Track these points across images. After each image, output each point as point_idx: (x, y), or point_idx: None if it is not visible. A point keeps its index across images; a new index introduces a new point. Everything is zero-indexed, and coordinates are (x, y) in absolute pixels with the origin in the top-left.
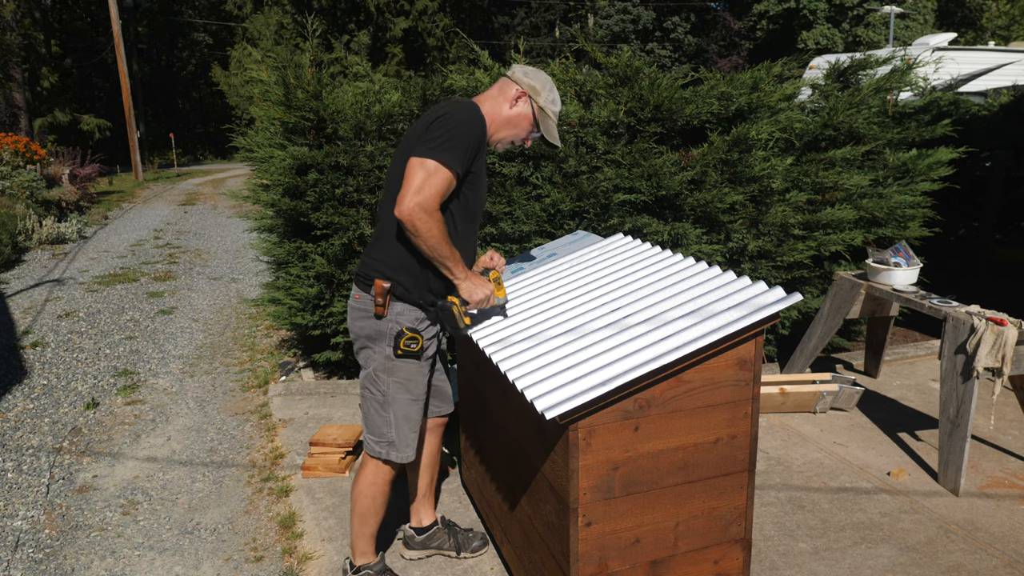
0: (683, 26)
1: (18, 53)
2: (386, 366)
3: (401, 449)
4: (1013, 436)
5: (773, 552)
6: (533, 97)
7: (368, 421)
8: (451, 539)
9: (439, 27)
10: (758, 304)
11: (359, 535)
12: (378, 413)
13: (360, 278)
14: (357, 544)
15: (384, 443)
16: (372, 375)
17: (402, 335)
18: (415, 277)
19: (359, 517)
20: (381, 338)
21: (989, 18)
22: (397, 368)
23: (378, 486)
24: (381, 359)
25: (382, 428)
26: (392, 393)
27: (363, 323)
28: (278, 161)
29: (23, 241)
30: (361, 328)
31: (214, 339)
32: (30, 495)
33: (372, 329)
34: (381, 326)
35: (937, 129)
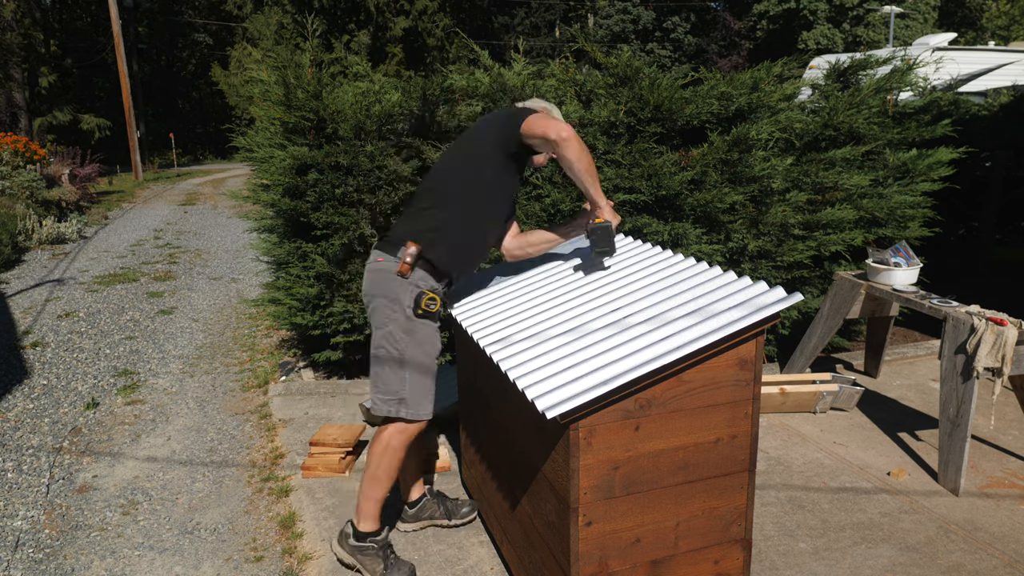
0: (683, 26)
1: (18, 53)
2: (406, 326)
3: (412, 406)
4: (1013, 436)
5: (773, 552)
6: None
7: (380, 379)
8: (440, 507)
9: (439, 27)
10: (758, 304)
11: (369, 499)
12: (393, 371)
13: (388, 242)
14: (365, 508)
15: (395, 400)
16: (389, 333)
17: (423, 295)
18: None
19: (372, 480)
20: (402, 298)
21: (989, 18)
22: (416, 328)
23: (394, 448)
24: (401, 318)
25: (395, 385)
26: (410, 352)
27: (385, 284)
28: (278, 161)
29: (23, 241)
30: (381, 288)
31: (214, 339)
32: (30, 495)
33: (394, 288)
34: (404, 286)
35: (937, 129)
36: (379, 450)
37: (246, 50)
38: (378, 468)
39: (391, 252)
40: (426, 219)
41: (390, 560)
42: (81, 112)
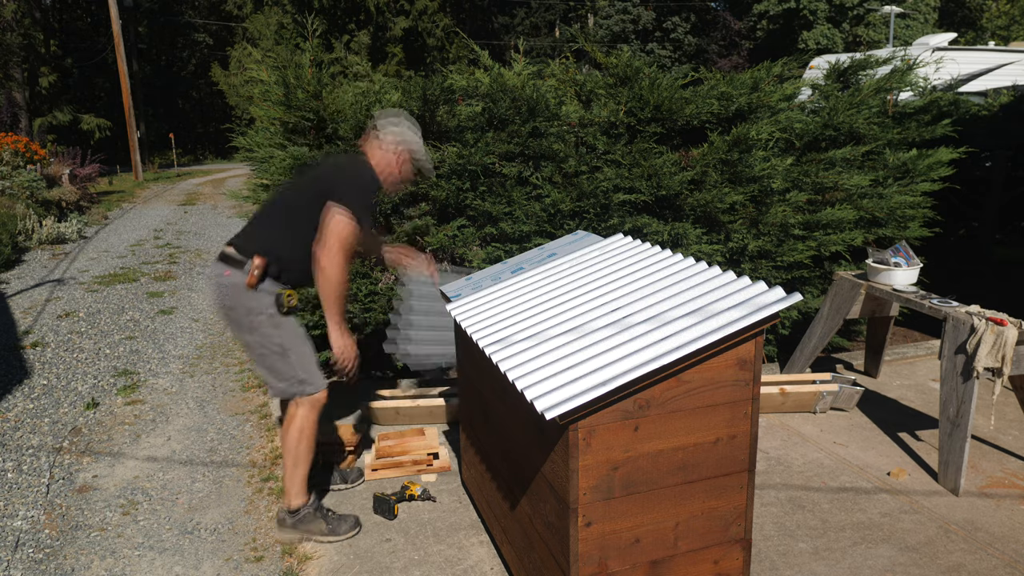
0: (683, 26)
1: (18, 53)
2: (274, 323)
3: (313, 381)
4: (1013, 436)
5: (773, 552)
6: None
7: (274, 373)
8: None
9: (439, 27)
10: (758, 304)
11: (294, 478)
12: (281, 361)
13: (229, 258)
14: (292, 488)
15: (296, 382)
16: (263, 336)
17: (281, 294)
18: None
19: (292, 462)
20: (260, 304)
21: (989, 18)
22: (284, 322)
23: (304, 428)
24: (266, 319)
25: (289, 372)
26: (287, 341)
27: (239, 295)
28: (278, 161)
29: (23, 241)
30: (236, 300)
31: (214, 339)
32: (30, 495)
33: (250, 299)
34: (256, 295)
35: (937, 129)
36: (295, 434)
37: (246, 50)
38: (297, 449)
39: (237, 266)
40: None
41: (329, 517)
42: (81, 112)
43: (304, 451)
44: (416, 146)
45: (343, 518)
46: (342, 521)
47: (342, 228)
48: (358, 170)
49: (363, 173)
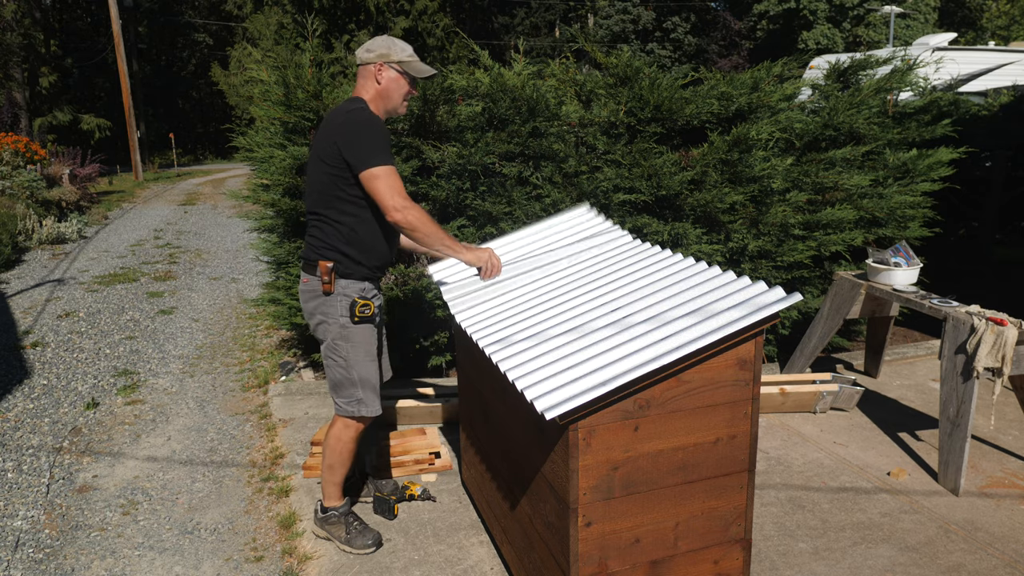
0: (683, 26)
1: (18, 53)
2: (343, 334)
3: (369, 405)
4: (1013, 436)
5: (773, 552)
6: (386, 62)
7: (336, 386)
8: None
9: (439, 27)
10: (758, 304)
11: (328, 482)
12: (344, 376)
13: (305, 263)
14: (327, 490)
15: (354, 402)
16: (332, 344)
17: (356, 303)
18: (355, 259)
19: (328, 467)
20: (334, 310)
21: (989, 18)
22: (353, 334)
23: (344, 442)
24: (337, 328)
25: (350, 390)
26: (353, 357)
27: (315, 302)
28: (278, 161)
29: (23, 241)
30: (315, 307)
31: (214, 339)
32: (30, 495)
33: (325, 305)
34: (332, 300)
35: (937, 129)
36: (333, 442)
37: (246, 50)
38: (333, 458)
39: (311, 272)
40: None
41: (352, 527)
42: (81, 112)
43: (339, 462)
44: (396, 54)
45: (366, 532)
46: (363, 535)
47: (388, 181)
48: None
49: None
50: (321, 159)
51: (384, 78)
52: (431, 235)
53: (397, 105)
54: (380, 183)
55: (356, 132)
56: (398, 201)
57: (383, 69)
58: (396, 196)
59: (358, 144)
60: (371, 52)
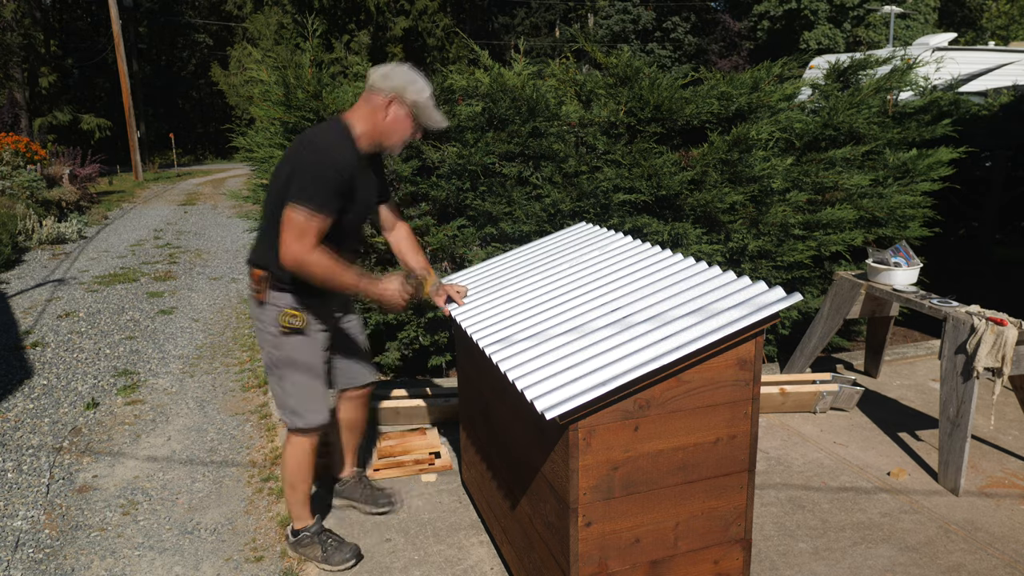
0: (683, 26)
1: (18, 53)
2: (274, 343)
3: (304, 415)
4: (1013, 436)
5: (773, 552)
6: (401, 96)
7: (275, 397)
8: (363, 492)
9: (439, 27)
10: (758, 304)
11: (292, 502)
12: (278, 386)
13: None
14: (293, 510)
15: (288, 412)
16: (267, 355)
17: (284, 314)
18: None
19: (289, 486)
20: (266, 319)
21: (989, 18)
22: (283, 344)
23: (297, 456)
24: (270, 338)
25: (284, 400)
26: (283, 368)
27: (255, 308)
28: (278, 161)
29: (23, 241)
30: (252, 313)
31: (214, 339)
32: (30, 495)
33: (261, 313)
34: (264, 310)
35: (937, 129)
36: (287, 459)
37: (246, 50)
38: (292, 476)
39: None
40: (267, 245)
41: (328, 544)
42: (81, 112)
43: (299, 479)
44: (412, 93)
45: (342, 546)
46: (340, 550)
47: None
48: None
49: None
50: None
51: (391, 114)
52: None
53: (394, 145)
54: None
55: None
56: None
57: (394, 104)
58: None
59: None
60: (387, 81)
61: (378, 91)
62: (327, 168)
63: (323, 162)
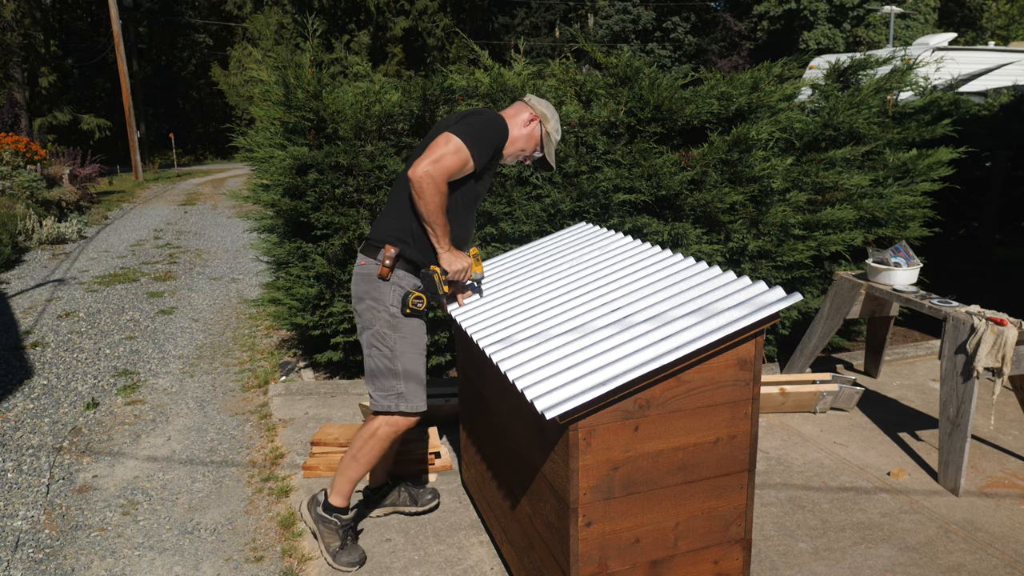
0: (683, 26)
1: (18, 53)
2: (392, 324)
3: (410, 399)
4: (1013, 436)
5: (773, 552)
6: (543, 123)
7: (375, 377)
8: (403, 494)
9: (439, 27)
10: (758, 304)
11: (344, 477)
12: (388, 368)
13: (370, 245)
14: (338, 482)
15: (393, 395)
16: (378, 333)
17: (410, 295)
18: (422, 245)
19: (352, 458)
20: (385, 298)
21: (989, 18)
22: (403, 325)
23: (379, 439)
24: (387, 317)
25: (391, 381)
26: (400, 348)
27: (367, 285)
28: (278, 161)
29: (23, 241)
30: (366, 290)
31: (214, 339)
32: (30, 495)
33: (377, 290)
34: (385, 287)
35: (937, 129)
36: (366, 436)
37: (246, 50)
38: (360, 451)
39: (372, 255)
40: (399, 217)
41: (347, 541)
42: (81, 112)
43: (366, 456)
44: (553, 127)
45: (354, 549)
46: (351, 552)
47: (445, 145)
48: (485, 114)
49: (490, 118)
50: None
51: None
52: (432, 212)
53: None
54: (441, 146)
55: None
56: (434, 168)
57: (536, 123)
58: (439, 165)
59: (466, 123)
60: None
61: (532, 107)
62: (493, 128)
63: (492, 123)
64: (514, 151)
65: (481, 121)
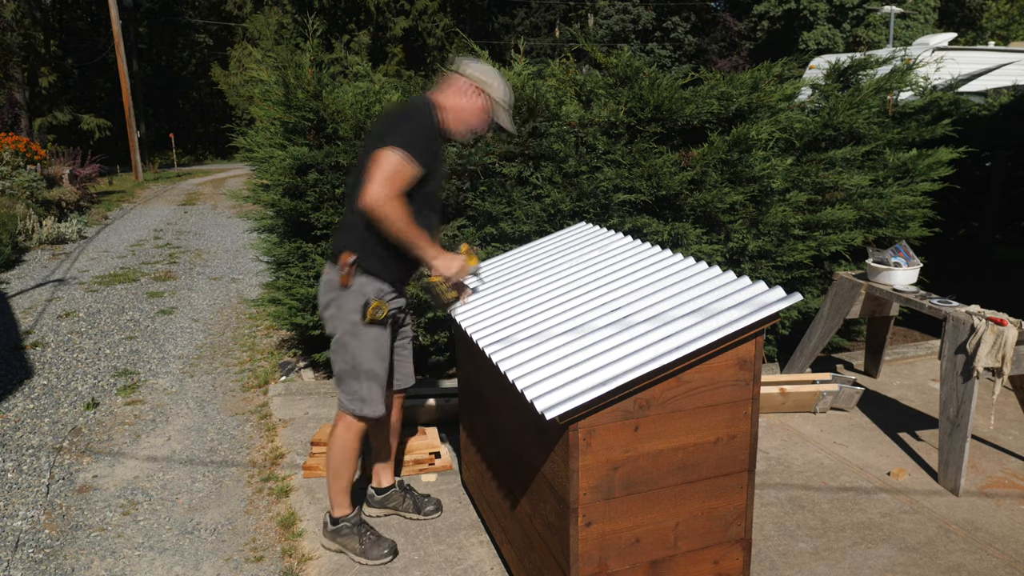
0: (683, 26)
1: (18, 53)
2: (353, 331)
3: (371, 404)
4: (1013, 436)
5: (773, 552)
6: (485, 88)
7: (340, 381)
8: (407, 500)
9: (439, 27)
10: (758, 304)
11: (334, 489)
12: (350, 375)
13: (331, 254)
14: (334, 498)
15: (356, 400)
16: (340, 341)
17: (368, 304)
18: (380, 258)
19: (333, 472)
20: (347, 305)
21: (989, 18)
22: (363, 332)
23: (348, 441)
24: (348, 325)
25: (353, 386)
26: (360, 356)
27: (332, 293)
28: (278, 161)
29: (23, 241)
30: (331, 299)
31: (214, 339)
32: (30, 495)
33: (340, 298)
34: (347, 295)
35: (937, 129)
36: (336, 444)
37: (246, 50)
38: (338, 463)
39: (334, 262)
40: (354, 227)
41: (365, 537)
42: (81, 112)
43: (343, 466)
44: (497, 91)
45: (380, 541)
46: (378, 544)
47: (388, 164)
48: (407, 110)
49: (416, 112)
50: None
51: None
52: (402, 230)
53: (463, 131)
54: (381, 163)
55: (400, 123)
56: (385, 190)
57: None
58: (389, 185)
59: (397, 132)
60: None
61: (466, 77)
62: (424, 121)
63: (420, 117)
64: (459, 127)
65: (409, 123)
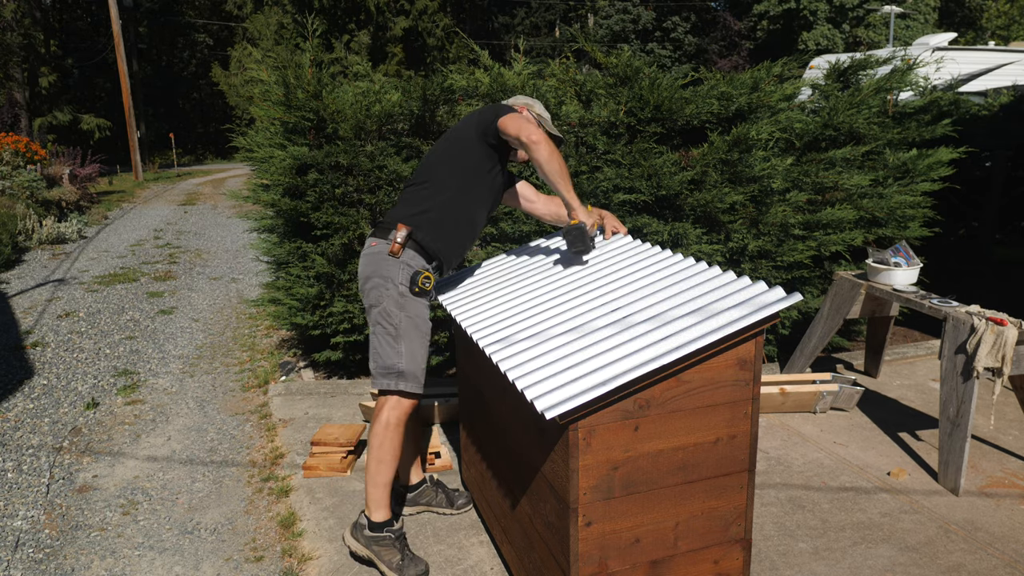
0: (683, 26)
1: (18, 53)
2: (399, 302)
3: (410, 379)
4: (1013, 436)
5: (773, 552)
6: (529, 109)
7: (378, 355)
8: (440, 495)
9: (439, 27)
10: (759, 304)
11: (378, 484)
12: (390, 345)
13: (381, 228)
14: (373, 494)
15: (393, 374)
16: (385, 310)
17: (419, 274)
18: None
19: (375, 462)
20: (394, 276)
21: (989, 18)
22: (409, 304)
23: (392, 424)
24: (395, 295)
25: (393, 359)
26: (404, 327)
27: (378, 264)
28: (278, 161)
29: (23, 241)
30: (374, 269)
31: (214, 339)
32: (30, 495)
33: (386, 268)
34: (394, 265)
35: (937, 129)
36: (380, 430)
37: (246, 50)
38: (381, 449)
39: (383, 236)
40: (414, 203)
41: (407, 552)
42: (81, 112)
43: (388, 453)
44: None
45: (417, 561)
46: (415, 563)
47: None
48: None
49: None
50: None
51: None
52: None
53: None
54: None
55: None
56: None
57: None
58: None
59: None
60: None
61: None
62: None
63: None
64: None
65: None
